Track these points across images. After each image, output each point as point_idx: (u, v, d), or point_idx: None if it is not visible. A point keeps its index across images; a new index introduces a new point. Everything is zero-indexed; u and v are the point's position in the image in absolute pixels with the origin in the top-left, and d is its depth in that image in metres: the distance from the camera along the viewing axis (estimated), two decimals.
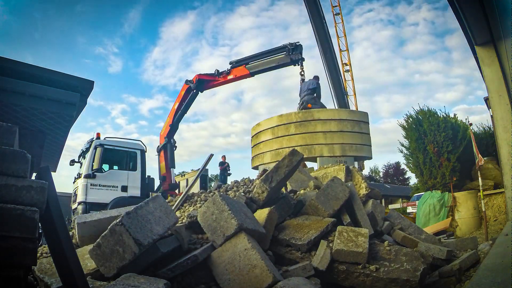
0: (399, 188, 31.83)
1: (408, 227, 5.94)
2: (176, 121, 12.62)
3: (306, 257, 3.83)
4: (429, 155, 10.53)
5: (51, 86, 3.78)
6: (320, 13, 15.58)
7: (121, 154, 10.82)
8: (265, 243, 3.83)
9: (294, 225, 4.27)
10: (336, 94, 17.77)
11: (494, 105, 6.61)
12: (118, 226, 2.88)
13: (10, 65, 3.60)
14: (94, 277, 2.97)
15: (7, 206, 1.87)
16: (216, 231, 3.39)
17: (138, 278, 2.66)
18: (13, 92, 3.52)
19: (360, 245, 3.81)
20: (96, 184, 9.90)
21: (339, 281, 3.79)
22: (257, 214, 4.07)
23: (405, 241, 5.03)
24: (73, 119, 4.29)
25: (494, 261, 3.59)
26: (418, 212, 11.04)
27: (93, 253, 2.97)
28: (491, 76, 6.60)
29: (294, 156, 4.49)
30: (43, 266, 3.15)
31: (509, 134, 6.21)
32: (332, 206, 4.53)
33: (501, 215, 8.97)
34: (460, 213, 9.80)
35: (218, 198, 3.50)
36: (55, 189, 2.23)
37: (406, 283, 3.63)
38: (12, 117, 3.73)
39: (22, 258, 1.87)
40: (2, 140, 2.13)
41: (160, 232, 3.08)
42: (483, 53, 6.71)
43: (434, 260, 4.48)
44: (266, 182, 4.30)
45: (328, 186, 4.75)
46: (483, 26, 5.97)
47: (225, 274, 3.19)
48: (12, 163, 1.98)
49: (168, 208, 3.39)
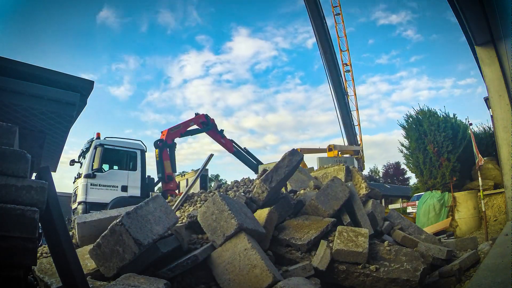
0: (399, 188, 31.81)
1: (408, 227, 5.94)
2: (184, 135, 13.21)
3: (306, 257, 3.83)
4: (429, 155, 10.53)
5: (51, 86, 3.78)
6: (320, 13, 15.73)
7: (121, 154, 10.82)
8: (265, 243, 3.83)
9: (294, 225, 4.27)
10: (337, 95, 17.81)
11: (494, 105, 6.60)
12: (118, 226, 2.88)
13: (10, 65, 3.60)
14: (94, 277, 2.97)
15: (7, 206, 1.87)
16: (216, 231, 3.39)
17: (138, 278, 2.66)
18: (13, 92, 3.52)
19: (360, 245, 3.81)
20: (96, 184, 9.90)
21: (339, 281, 3.79)
22: (257, 214, 4.07)
23: (405, 241, 5.03)
24: (73, 119, 4.29)
25: (494, 261, 3.59)
26: (418, 212, 11.04)
27: (93, 253, 2.98)
28: (491, 76, 6.60)
29: (294, 156, 4.49)
30: (43, 266, 3.15)
31: (509, 134, 6.21)
32: (332, 206, 4.53)
33: (501, 215, 8.96)
34: (460, 213, 9.80)
35: (218, 198, 3.50)
36: (55, 189, 2.23)
37: (406, 283, 3.63)
38: (12, 117, 3.73)
39: (22, 258, 1.87)
40: (2, 140, 2.13)
41: (160, 232, 3.08)
42: (483, 53, 6.71)
43: (434, 260, 4.48)
44: (266, 182, 4.30)
45: (328, 186, 4.75)
46: (483, 26, 5.97)
47: (225, 274, 3.19)
48: (12, 163, 1.98)
49: (168, 208, 3.39)
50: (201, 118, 13.51)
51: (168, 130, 12.15)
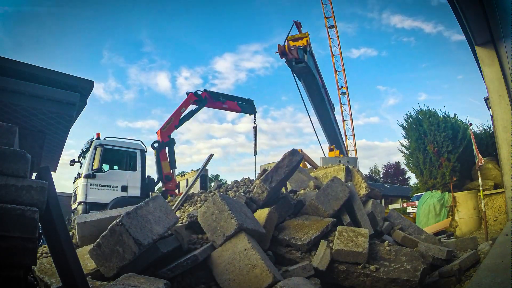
0: (399, 188, 31.83)
1: (408, 227, 5.94)
2: (179, 125, 12.71)
3: (306, 257, 3.83)
4: (429, 155, 10.53)
5: (51, 86, 3.78)
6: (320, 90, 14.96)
7: (121, 154, 10.81)
8: (265, 243, 3.83)
9: (294, 225, 4.27)
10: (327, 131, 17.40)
11: (494, 105, 6.61)
12: (118, 226, 2.88)
13: (10, 65, 3.60)
14: (94, 277, 2.97)
15: (7, 206, 1.87)
16: (216, 231, 3.39)
17: (138, 278, 2.66)
18: (13, 92, 3.52)
19: (360, 245, 3.81)
20: (96, 184, 9.89)
21: (339, 281, 3.79)
22: (257, 214, 4.07)
23: (405, 241, 5.03)
24: (73, 119, 4.29)
25: (494, 261, 3.59)
26: (418, 212, 11.04)
27: (93, 253, 2.98)
28: (491, 76, 6.60)
29: (294, 156, 4.49)
30: (43, 266, 3.15)
31: (509, 134, 6.21)
32: (332, 206, 4.53)
33: (501, 215, 8.95)
34: (460, 213, 9.79)
35: (218, 198, 3.50)
36: (55, 189, 2.23)
37: (406, 283, 3.63)
38: (12, 117, 3.73)
39: (22, 258, 1.87)
40: (2, 140, 2.13)
41: (160, 232, 3.08)
42: (483, 53, 6.71)
43: (434, 260, 4.48)
44: (266, 182, 4.30)
45: (328, 186, 4.75)
46: (483, 26, 5.97)
47: (225, 274, 3.19)
48: (12, 163, 1.98)
49: (168, 208, 3.39)
50: (191, 98, 12.68)
51: (160, 130, 12.13)
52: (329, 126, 16.96)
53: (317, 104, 15.33)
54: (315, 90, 14.83)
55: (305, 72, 14.00)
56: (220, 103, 13.38)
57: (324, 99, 15.55)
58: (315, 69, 14.73)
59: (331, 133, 17.21)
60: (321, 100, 15.30)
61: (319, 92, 14.97)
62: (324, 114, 16.02)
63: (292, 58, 13.04)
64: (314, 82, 14.61)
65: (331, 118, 17.05)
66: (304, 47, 13.65)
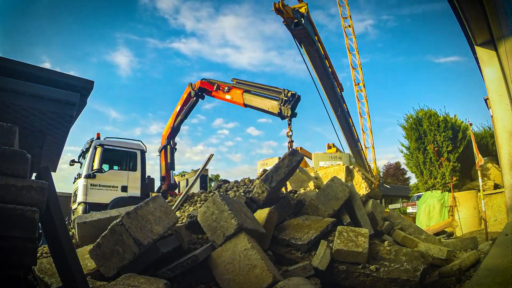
0: (399, 188, 31.85)
1: (408, 227, 5.95)
2: (177, 124, 12.28)
3: (306, 257, 3.83)
4: (429, 155, 10.55)
5: (51, 86, 3.77)
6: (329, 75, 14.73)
7: (121, 154, 10.81)
8: (265, 243, 3.83)
9: (294, 225, 4.27)
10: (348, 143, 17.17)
11: (494, 105, 6.60)
12: (118, 226, 2.88)
13: (10, 65, 3.60)
14: (94, 277, 2.97)
15: (7, 206, 1.87)
16: (216, 231, 3.39)
17: (138, 278, 2.66)
18: (13, 92, 3.51)
19: (360, 245, 3.80)
20: (96, 184, 9.89)
21: (339, 281, 3.79)
22: (257, 214, 4.07)
23: (405, 241, 5.03)
24: (73, 119, 4.28)
25: (494, 261, 3.59)
26: (418, 212, 11.06)
27: (93, 253, 2.98)
28: (491, 76, 6.60)
29: (294, 156, 4.49)
30: (43, 266, 3.15)
31: (509, 134, 6.21)
32: (332, 206, 4.53)
33: (501, 215, 8.96)
34: (460, 213, 9.80)
35: (218, 198, 3.50)
36: (55, 189, 2.23)
37: (406, 283, 3.63)
38: (12, 117, 3.73)
39: (22, 258, 1.87)
40: (2, 140, 2.13)
41: (160, 232, 3.08)
42: (483, 53, 6.71)
43: (434, 260, 4.48)
44: (266, 182, 4.30)
45: (328, 186, 4.75)
46: (483, 26, 5.97)
47: (225, 274, 3.19)
48: (12, 163, 1.98)
49: (168, 208, 3.39)
50: (189, 94, 11.48)
51: (162, 134, 12.48)
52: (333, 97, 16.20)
53: (320, 72, 14.92)
54: (316, 57, 14.59)
55: (304, 35, 13.85)
56: (221, 93, 10.81)
57: (326, 67, 15.29)
58: (314, 36, 14.53)
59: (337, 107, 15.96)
60: (323, 68, 14.99)
61: (321, 59, 14.70)
62: (327, 84, 15.64)
63: (289, 17, 12.84)
64: (313, 48, 14.52)
65: (336, 93, 16.83)
66: (302, 13, 13.58)
